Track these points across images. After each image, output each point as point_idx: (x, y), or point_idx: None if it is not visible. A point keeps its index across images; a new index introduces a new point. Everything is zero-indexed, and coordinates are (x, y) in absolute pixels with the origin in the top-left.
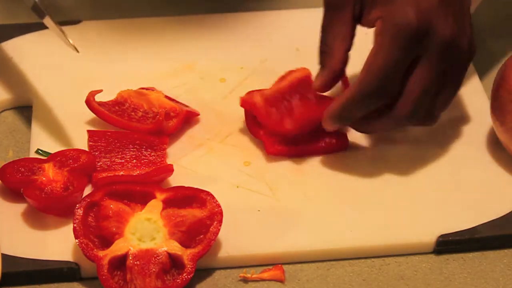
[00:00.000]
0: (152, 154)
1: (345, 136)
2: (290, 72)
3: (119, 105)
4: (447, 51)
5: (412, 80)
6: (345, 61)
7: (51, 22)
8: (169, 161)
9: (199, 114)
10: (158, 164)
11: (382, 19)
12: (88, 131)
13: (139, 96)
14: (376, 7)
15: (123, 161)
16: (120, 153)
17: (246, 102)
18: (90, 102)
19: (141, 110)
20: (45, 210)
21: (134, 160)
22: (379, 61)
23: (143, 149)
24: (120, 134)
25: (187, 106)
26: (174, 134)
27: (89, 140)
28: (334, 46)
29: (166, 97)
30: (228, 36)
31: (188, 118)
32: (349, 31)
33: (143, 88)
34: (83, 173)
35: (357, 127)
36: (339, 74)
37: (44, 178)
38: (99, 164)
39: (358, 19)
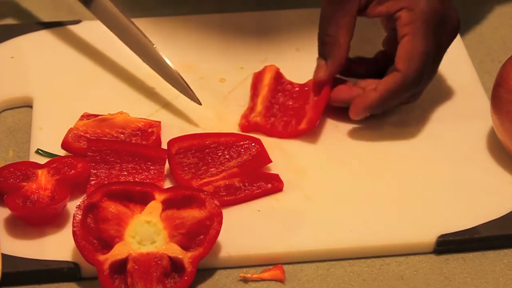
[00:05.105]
0: (151, 167)
1: (279, 180)
2: (258, 76)
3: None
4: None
5: None
6: (348, 51)
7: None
8: None
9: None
10: (156, 178)
11: (407, 9)
12: (88, 140)
13: (99, 124)
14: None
15: (120, 173)
16: (118, 164)
17: (247, 127)
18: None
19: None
20: (24, 219)
21: (133, 171)
22: (419, 47)
23: (141, 162)
24: (120, 144)
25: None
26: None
27: (87, 149)
28: (339, 36)
29: None
30: (228, 36)
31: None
32: (353, 22)
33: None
34: (70, 182)
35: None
36: (343, 64)
37: (34, 186)
38: (94, 173)
39: (362, 10)
